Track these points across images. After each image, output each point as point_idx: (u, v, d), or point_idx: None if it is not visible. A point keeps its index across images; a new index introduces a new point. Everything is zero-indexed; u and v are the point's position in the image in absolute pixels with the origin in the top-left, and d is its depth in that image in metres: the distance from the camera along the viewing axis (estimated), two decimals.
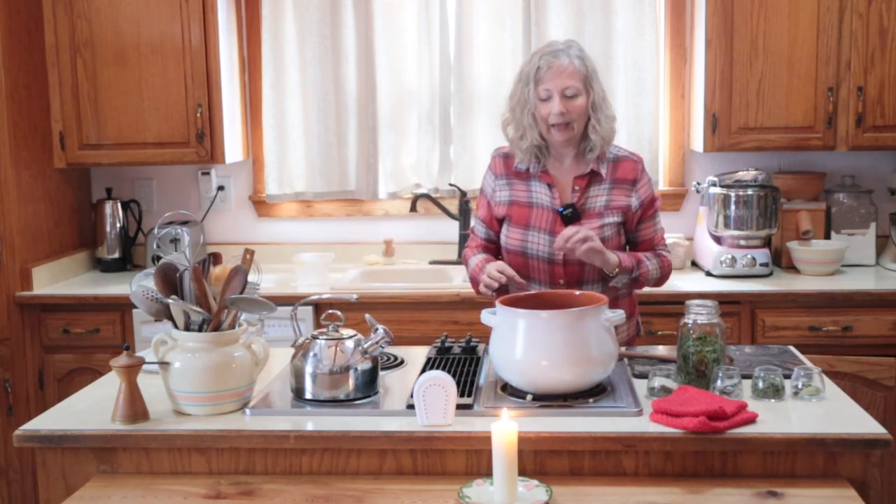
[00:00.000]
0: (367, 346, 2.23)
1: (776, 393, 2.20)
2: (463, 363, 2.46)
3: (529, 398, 2.17)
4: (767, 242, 3.81)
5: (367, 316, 2.35)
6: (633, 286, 2.71)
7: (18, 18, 3.69)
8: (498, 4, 3.96)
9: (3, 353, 3.64)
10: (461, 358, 2.52)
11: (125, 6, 3.80)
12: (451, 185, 4.07)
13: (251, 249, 2.23)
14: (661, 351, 2.62)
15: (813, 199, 3.90)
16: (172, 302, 2.16)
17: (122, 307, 3.64)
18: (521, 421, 1.94)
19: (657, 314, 3.46)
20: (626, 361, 2.48)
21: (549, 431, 2.02)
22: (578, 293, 2.36)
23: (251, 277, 2.23)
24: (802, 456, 2.01)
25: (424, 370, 2.33)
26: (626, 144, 3.90)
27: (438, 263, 4.07)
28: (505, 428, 1.84)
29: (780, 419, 2.08)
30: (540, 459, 2.04)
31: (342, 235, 4.22)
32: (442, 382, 2.05)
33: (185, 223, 4.04)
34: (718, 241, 3.82)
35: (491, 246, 2.79)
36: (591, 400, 2.18)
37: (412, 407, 2.09)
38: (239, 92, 4.09)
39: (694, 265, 3.97)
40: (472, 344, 2.59)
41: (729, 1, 3.64)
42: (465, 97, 4.01)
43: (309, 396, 2.22)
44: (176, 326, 2.19)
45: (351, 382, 2.21)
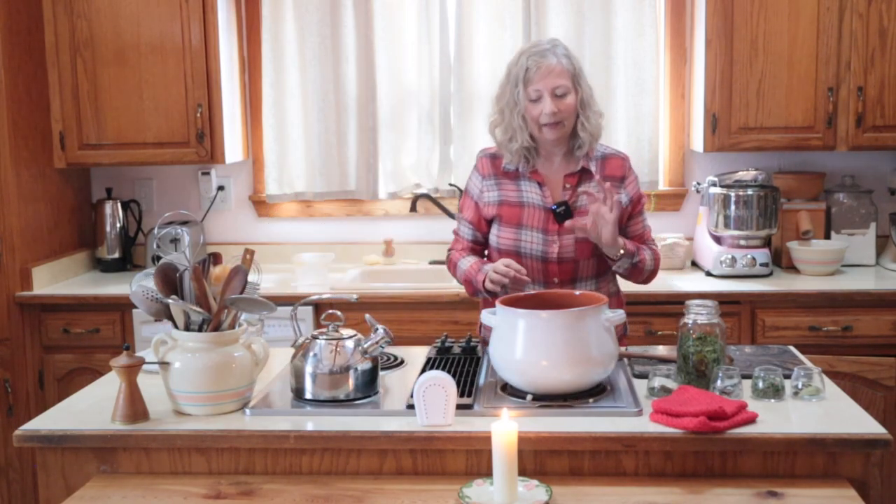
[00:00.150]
0: (367, 346, 2.23)
1: (776, 393, 2.20)
2: (463, 363, 2.46)
3: (529, 398, 2.17)
4: (767, 242, 3.81)
5: (367, 316, 2.35)
6: (632, 273, 2.69)
7: (18, 18, 3.69)
8: (498, 4, 3.96)
9: (3, 353, 3.64)
10: (461, 358, 2.52)
11: (125, 6, 3.80)
12: (451, 185, 4.08)
13: (251, 249, 2.23)
14: (661, 351, 2.61)
15: (813, 199, 3.90)
16: (172, 302, 2.16)
17: (122, 307, 3.64)
18: (521, 421, 1.94)
19: (657, 314, 3.46)
20: (626, 361, 2.48)
21: (549, 431, 2.02)
22: (578, 293, 2.37)
23: (251, 277, 2.23)
24: (802, 456, 2.01)
25: (424, 370, 2.33)
26: (626, 144, 3.93)
27: (438, 263, 4.06)
28: (505, 428, 1.84)
29: (780, 419, 2.08)
30: (540, 459, 2.04)
31: (342, 235, 4.22)
32: (442, 382, 2.05)
33: (185, 223, 4.04)
34: (718, 241, 3.82)
35: (477, 248, 2.78)
36: (591, 400, 2.18)
37: (412, 407, 2.09)
38: (239, 92, 4.09)
39: (694, 265, 3.97)
40: (472, 344, 2.59)
41: (729, 1, 3.64)
42: (465, 97, 4.01)
43: (309, 396, 2.22)
44: (176, 326, 2.19)
45: (351, 382, 2.21)
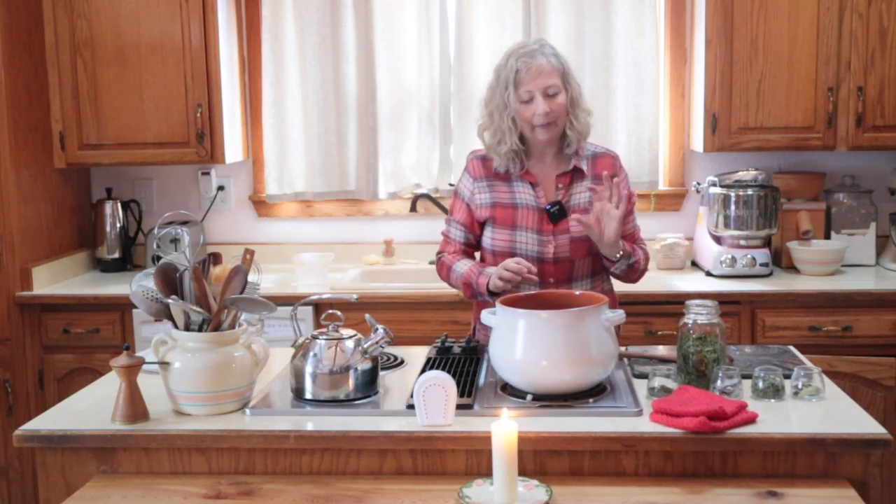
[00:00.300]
0: (367, 346, 2.23)
1: (776, 393, 2.20)
2: (463, 363, 2.46)
3: (529, 398, 2.17)
4: (767, 242, 3.81)
5: (367, 316, 2.35)
6: (627, 274, 2.69)
7: (18, 18, 3.69)
8: (498, 4, 3.95)
9: (3, 353, 3.64)
10: (461, 358, 2.52)
11: (125, 6, 3.80)
12: (451, 185, 4.07)
13: (251, 249, 2.23)
14: (661, 351, 2.61)
15: (813, 199, 3.90)
16: (172, 302, 2.16)
17: (122, 307, 3.64)
18: (521, 421, 1.94)
19: (657, 314, 3.46)
20: (626, 361, 2.48)
21: (549, 431, 2.02)
22: (578, 293, 2.37)
23: (251, 277, 2.23)
24: (802, 456, 2.01)
25: (424, 370, 2.33)
26: (626, 144, 3.93)
27: None
28: (505, 428, 1.84)
29: (780, 419, 2.08)
30: (540, 459, 2.04)
31: (342, 235, 4.22)
32: (442, 382, 2.05)
33: (185, 223, 4.04)
34: (718, 241, 3.82)
35: (469, 250, 2.77)
36: (591, 400, 2.18)
37: (412, 407, 2.09)
38: (239, 92, 4.09)
39: (694, 265, 3.97)
40: (472, 344, 2.59)
41: (729, 1, 3.64)
42: (465, 97, 4.00)
43: (309, 396, 2.22)
44: (176, 326, 2.19)
45: (351, 382, 2.21)
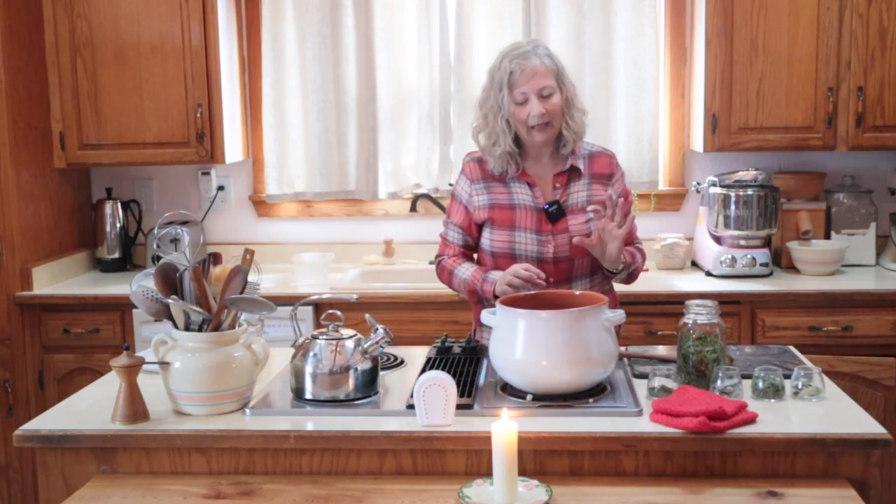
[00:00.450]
0: (367, 346, 2.23)
1: (776, 393, 2.20)
2: (463, 363, 2.46)
3: (529, 398, 2.17)
4: (767, 242, 3.81)
5: (367, 316, 2.35)
6: (625, 280, 2.71)
7: (18, 18, 3.69)
8: (498, 4, 3.95)
9: (3, 353, 3.64)
10: (461, 358, 2.51)
11: (125, 6, 3.80)
12: (451, 185, 4.07)
13: (251, 249, 2.23)
14: (661, 351, 2.61)
15: (813, 199, 3.90)
16: (172, 302, 2.16)
17: (122, 307, 3.64)
18: (521, 421, 1.94)
19: (657, 314, 3.46)
20: (626, 361, 2.48)
21: (549, 431, 2.02)
22: (578, 293, 2.37)
23: (251, 277, 2.23)
24: (802, 456, 2.01)
25: (424, 370, 2.33)
26: (626, 144, 3.93)
27: None
28: (505, 428, 1.84)
29: (780, 419, 2.08)
30: (540, 459, 2.04)
31: (342, 235, 4.22)
32: (442, 382, 2.05)
33: (185, 223, 4.04)
34: (718, 241, 3.82)
35: (468, 252, 2.77)
36: (591, 400, 2.18)
37: (412, 407, 2.09)
38: (239, 92, 4.09)
39: (694, 265, 3.97)
40: (472, 344, 2.59)
41: (729, 1, 3.64)
42: (465, 97, 4.00)
43: (309, 396, 2.22)
44: (176, 326, 2.19)
45: (351, 382, 2.21)
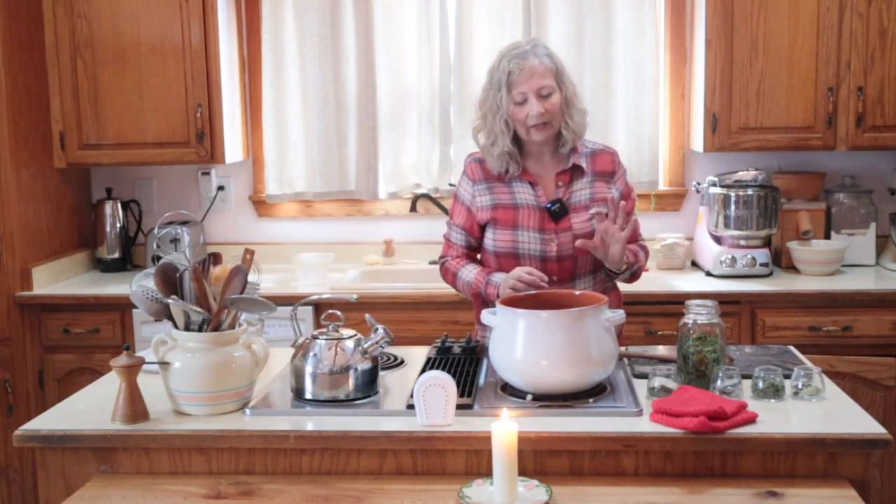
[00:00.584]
0: (367, 346, 2.23)
1: (776, 393, 2.20)
2: (463, 363, 2.46)
3: (529, 398, 2.17)
4: (767, 242, 3.81)
5: (367, 316, 2.35)
6: (628, 280, 2.71)
7: (18, 18, 3.69)
8: (498, 4, 3.95)
9: (3, 353, 3.64)
10: (461, 358, 2.51)
11: (125, 6, 3.80)
12: (451, 185, 4.07)
13: (251, 249, 2.23)
14: (661, 351, 2.61)
15: (813, 199, 3.90)
16: (172, 302, 2.16)
17: (122, 307, 3.64)
18: (521, 421, 1.94)
19: (657, 314, 3.46)
20: (626, 361, 2.48)
21: (549, 431, 2.02)
22: (578, 293, 2.37)
23: (251, 277, 2.23)
24: (802, 456, 2.01)
25: (424, 370, 2.33)
26: (626, 144, 3.93)
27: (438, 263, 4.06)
28: (505, 428, 1.84)
29: (780, 419, 2.08)
30: (540, 459, 2.04)
31: (342, 235, 4.22)
32: (442, 382, 2.05)
33: (185, 223, 4.04)
34: (718, 241, 3.82)
35: (471, 253, 2.78)
36: (591, 400, 2.18)
37: (412, 407, 2.09)
38: (239, 92, 4.09)
39: (694, 265, 3.97)
40: (472, 344, 2.59)
41: (729, 1, 3.64)
42: (465, 97, 4.00)
43: (309, 396, 2.22)
44: (176, 326, 2.19)
45: (351, 382, 2.21)
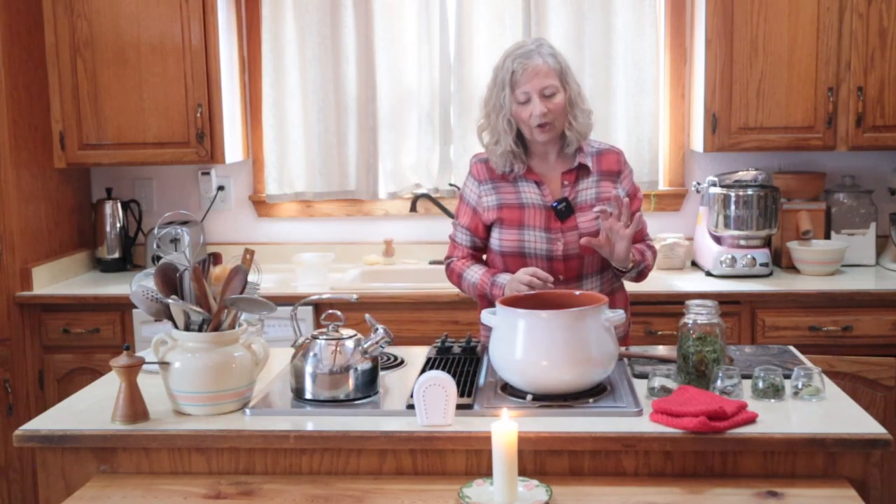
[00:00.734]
0: (367, 346, 2.23)
1: (776, 393, 2.20)
2: (463, 363, 2.46)
3: (529, 398, 2.17)
4: (767, 242, 3.81)
5: (367, 316, 2.35)
6: (635, 278, 2.71)
7: (18, 18, 3.69)
8: (498, 4, 3.95)
9: (3, 353, 3.64)
10: (461, 358, 2.51)
11: (125, 6, 3.80)
12: (451, 185, 4.08)
13: (251, 249, 2.23)
14: (661, 351, 2.61)
15: (813, 199, 3.90)
16: (172, 302, 2.16)
17: (122, 307, 3.64)
18: (521, 421, 1.94)
19: (657, 314, 3.46)
20: (626, 361, 2.48)
21: (549, 431, 2.02)
22: (578, 293, 2.36)
23: (251, 277, 2.23)
24: (802, 456, 2.01)
25: (424, 370, 2.33)
26: (626, 144, 3.92)
27: (438, 263, 4.05)
28: (505, 428, 1.84)
29: (780, 419, 2.08)
30: (540, 459, 2.04)
31: (342, 235, 4.22)
32: (442, 382, 2.05)
33: (185, 223, 4.04)
34: (718, 241, 3.82)
35: (477, 254, 2.78)
36: (591, 400, 2.18)
37: (412, 407, 2.09)
38: (239, 92, 4.09)
39: (694, 265, 3.97)
40: (472, 344, 2.59)
41: (729, 1, 3.64)
42: (465, 97, 4.00)
43: (309, 396, 2.22)
44: (176, 326, 2.19)
45: (351, 382, 2.21)
